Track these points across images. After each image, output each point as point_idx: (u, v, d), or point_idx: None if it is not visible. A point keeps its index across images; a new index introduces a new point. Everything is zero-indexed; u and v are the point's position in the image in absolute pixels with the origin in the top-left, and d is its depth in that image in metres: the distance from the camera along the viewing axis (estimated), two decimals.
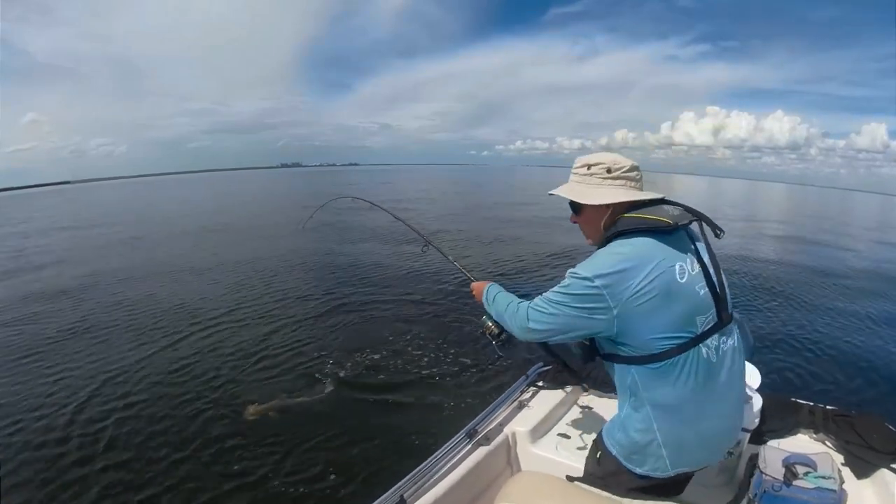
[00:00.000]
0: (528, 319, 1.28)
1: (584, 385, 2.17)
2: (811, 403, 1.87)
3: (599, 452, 1.38)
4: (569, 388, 2.16)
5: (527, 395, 2.11)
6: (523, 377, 2.21)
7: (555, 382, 2.18)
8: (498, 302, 1.49)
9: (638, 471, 1.28)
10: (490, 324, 1.62)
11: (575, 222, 1.40)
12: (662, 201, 1.28)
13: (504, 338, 1.61)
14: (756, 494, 1.45)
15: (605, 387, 2.11)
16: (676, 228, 1.20)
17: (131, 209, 28.34)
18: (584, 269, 1.16)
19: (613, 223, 1.24)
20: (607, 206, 1.26)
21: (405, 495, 1.45)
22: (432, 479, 1.57)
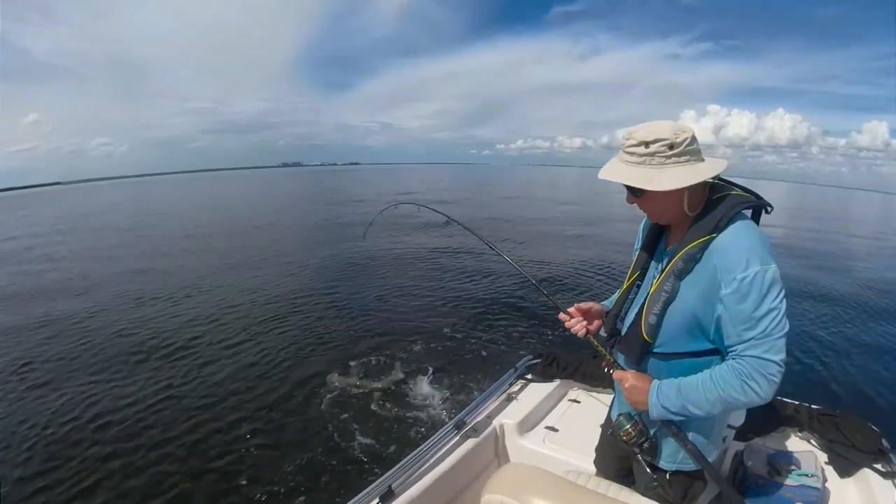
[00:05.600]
0: (772, 362, 0.95)
1: (575, 378, 2.18)
2: (796, 402, 1.88)
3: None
4: (557, 382, 2.17)
5: (516, 388, 2.11)
6: (512, 370, 2.21)
7: (544, 376, 2.18)
8: (691, 388, 1.05)
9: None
10: (628, 427, 1.21)
11: (632, 202, 1.15)
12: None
13: (647, 446, 1.21)
14: (741, 491, 1.46)
15: (594, 381, 2.13)
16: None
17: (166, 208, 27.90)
18: (765, 259, 0.98)
19: (708, 199, 1.10)
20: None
21: (393, 485, 1.46)
22: (420, 470, 1.58)
